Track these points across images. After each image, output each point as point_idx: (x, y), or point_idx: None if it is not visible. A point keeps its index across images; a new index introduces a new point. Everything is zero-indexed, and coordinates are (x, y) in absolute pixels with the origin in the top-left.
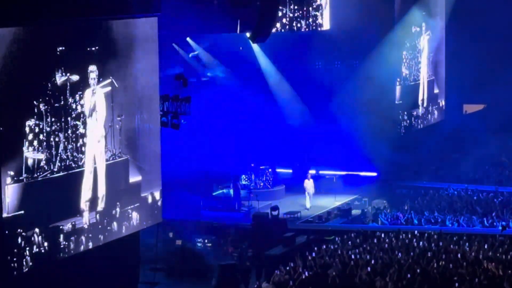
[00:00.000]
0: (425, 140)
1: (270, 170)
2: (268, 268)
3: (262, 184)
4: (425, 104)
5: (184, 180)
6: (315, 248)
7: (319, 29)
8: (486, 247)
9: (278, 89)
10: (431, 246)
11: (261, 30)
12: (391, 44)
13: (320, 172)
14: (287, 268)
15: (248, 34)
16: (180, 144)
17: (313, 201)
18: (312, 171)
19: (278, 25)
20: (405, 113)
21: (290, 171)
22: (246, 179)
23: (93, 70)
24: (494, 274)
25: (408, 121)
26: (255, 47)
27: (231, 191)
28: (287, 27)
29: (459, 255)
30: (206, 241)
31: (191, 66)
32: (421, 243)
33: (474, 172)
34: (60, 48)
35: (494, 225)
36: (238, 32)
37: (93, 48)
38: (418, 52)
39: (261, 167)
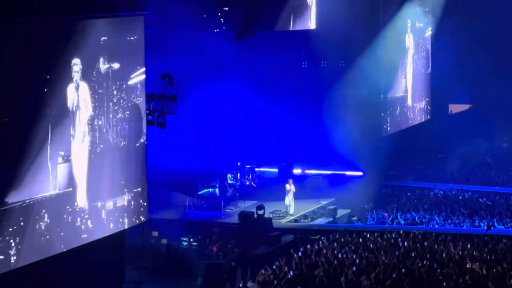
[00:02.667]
0: (410, 139)
1: (256, 169)
2: (254, 267)
3: (248, 183)
4: (410, 101)
5: (169, 178)
6: (301, 248)
7: (305, 28)
8: (470, 246)
9: (263, 89)
10: (416, 246)
11: (247, 29)
12: (389, 40)
13: (306, 171)
14: (273, 267)
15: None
16: (166, 142)
17: (298, 200)
18: (297, 171)
19: None
20: (408, 105)
21: (276, 170)
22: (232, 178)
23: (76, 63)
24: (478, 274)
25: (411, 114)
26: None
27: (217, 190)
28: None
29: (444, 255)
30: (191, 240)
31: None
32: (406, 242)
33: (460, 172)
34: (104, 38)
35: (479, 225)
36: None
37: (132, 38)
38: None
39: (246, 166)
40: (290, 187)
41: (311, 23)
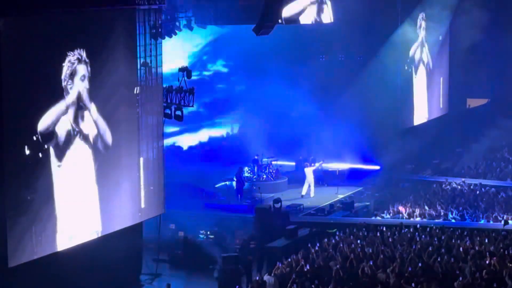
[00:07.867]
0: (428, 134)
1: (273, 162)
2: (270, 260)
3: (265, 176)
4: (428, 94)
5: (187, 172)
6: (317, 241)
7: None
8: (487, 241)
9: (281, 82)
10: (433, 240)
11: (265, 22)
12: (407, 33)
13: (323, 165)
14: (289, 260)
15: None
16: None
17: (316, 194)
18: (317, 164)
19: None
20: (426, 98)
21: (293, 163)
22: (249, 171)
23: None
24: (495, 268)
25: (429, 108)
26: None
27: (234, 183)
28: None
29: (461, 249)
30: (208, 232)
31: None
32: (423, 237)
33: (477, 166)
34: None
35: (497, 220)
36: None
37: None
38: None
39: (264, 159)
40: (309, 169)
41: (329, 17)
